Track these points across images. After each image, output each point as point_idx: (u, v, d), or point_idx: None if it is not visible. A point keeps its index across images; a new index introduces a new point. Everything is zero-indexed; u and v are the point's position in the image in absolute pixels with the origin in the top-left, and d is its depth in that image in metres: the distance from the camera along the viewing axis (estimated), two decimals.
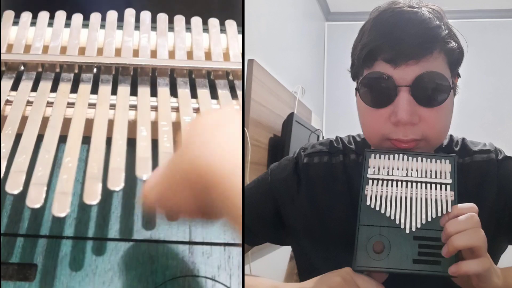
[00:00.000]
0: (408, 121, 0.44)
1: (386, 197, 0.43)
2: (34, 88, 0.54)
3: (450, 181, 0.43)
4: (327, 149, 0.55)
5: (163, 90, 0.55)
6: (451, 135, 0.54)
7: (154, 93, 0.56)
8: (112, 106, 0.52)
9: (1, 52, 0.57)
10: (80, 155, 0.45)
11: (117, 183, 0.42)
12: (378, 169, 0.44)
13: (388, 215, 0.42)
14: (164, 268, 0.45)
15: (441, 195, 0.42)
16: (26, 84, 0.54)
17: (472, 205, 0.40)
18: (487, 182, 0.50)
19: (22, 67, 0.57)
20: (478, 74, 2.12)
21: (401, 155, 0.45)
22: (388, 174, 0.44)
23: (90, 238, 0.46)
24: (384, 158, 0.45)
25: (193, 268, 0.46)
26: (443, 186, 0.43)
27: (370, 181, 0.44)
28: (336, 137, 0.57)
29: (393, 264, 0.40)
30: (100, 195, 0.40)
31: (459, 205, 0.41)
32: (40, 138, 0.47)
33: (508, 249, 0.52)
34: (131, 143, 0.48)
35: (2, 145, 0.44)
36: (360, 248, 0.41)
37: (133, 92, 0.56)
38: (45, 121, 0.49)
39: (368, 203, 0.42)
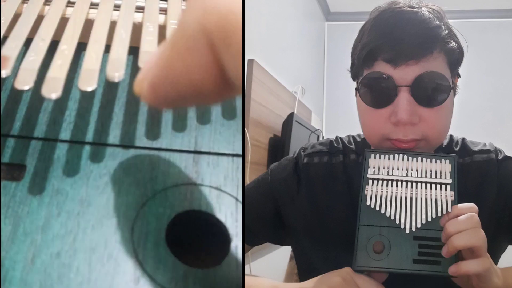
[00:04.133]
0: (408, 121, 0.44)
1: (386, 197, 0.43)
2: None
3: (450, 181, 0.43)
4: (327, 149, 0.55)
5: None
6: (451, 135, 0.54)
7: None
8: (117, 7, 0.49)
9: None
10: (79, 62, 0.41)
11: (117, 70, 0.38)
12: (378, 169, 0.44)
13: (388, 215, 0.42)
14: (165, 175, 0.42)
15: (441, 195, 0.42)
16: None
17: (472, 205, 0.40)
18: (487, 182, 0.50)
19: None
20: (478, 74, 2.12)
21: (401, 155, 0.45)
22: (388, 174, 0.44)
23: (86, 142, 0.44)
24: (384, 158, 0.45)
25: (196, 177, 0.43)
26: (443, 186, 0.43)
27: (370, 181, 0.44)
28: (336, 137, 0.57)
29: (393, 264, 0.40)
30: (96, 82, 0.37)
31: (459, 205, 0.41)
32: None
33: (508, 249, 0.52)
34: (135, 52, 0.44)
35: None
36: (360, 248, 0.41)
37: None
38: (41, 20, 0.45)
39: (368, 203, 0.42)
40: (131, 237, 0.39)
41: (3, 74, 0.37)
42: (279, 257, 1.38)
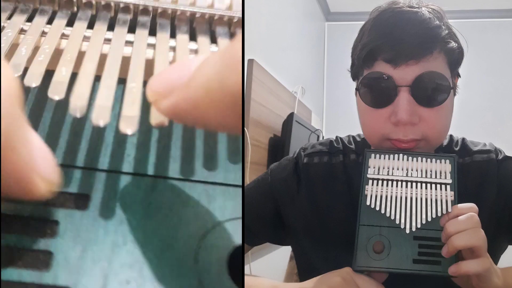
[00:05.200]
0: (408, 121, 0.44)
1: (386, 197, 0.43)
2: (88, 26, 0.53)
3: (450, 181, 0.43)
4: (327, 149, 0.55)
5: (182, 36, 0.55)
6: (451, 135, 0.54)
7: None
8: (151, 46, 0.51)
9: None
10: (116, 94, 0.43)
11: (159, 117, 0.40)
12: (378, 169, 0.44)
13: (388, 215, 0.42)
14: (222, 208, 0.44)
15: (441, 195, 0.42)
16: (81, 22, 0.52)
17: (472, 205, 0.40)
18: (487, 182, 0.50)
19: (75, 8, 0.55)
20: (478, 74, 2.12)
21: (401, 155, 0.45)
22: (388, 174, 0.44)
23: (147, 175, 0.46)
24: (384, 158, 0.45)
25: None
26: (443, 186, 0.43)
27: (370, 181, 0.44)
28: (336, 137, 0.57)
29: (393, 264, 0.40)
30: (136, 126, 0.39)
31: (459, 205, 0.41)
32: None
33: (508, 249, 0.52)
34: None
35: (62, 68, 0.44)
36: (360, 248, 0.41)
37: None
38: (103, 58, 0.47)
39: (368, 203, 0.42)
40: (196, 268, 0.40)
41: (56, 97, 0.40)
42: (279, 257, 1.38)
